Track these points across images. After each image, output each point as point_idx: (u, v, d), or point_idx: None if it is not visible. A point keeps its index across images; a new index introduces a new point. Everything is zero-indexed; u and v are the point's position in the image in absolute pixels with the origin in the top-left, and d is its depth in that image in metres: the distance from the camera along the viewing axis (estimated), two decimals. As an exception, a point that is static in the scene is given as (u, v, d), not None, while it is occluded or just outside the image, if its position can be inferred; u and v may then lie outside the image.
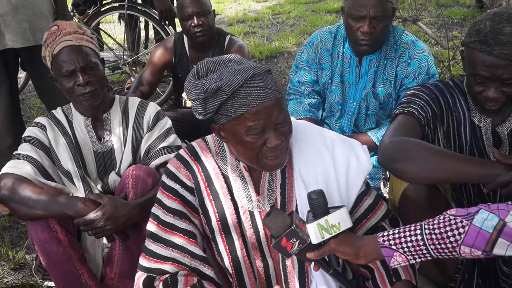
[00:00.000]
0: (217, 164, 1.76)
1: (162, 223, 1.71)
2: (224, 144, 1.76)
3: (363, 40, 2.49)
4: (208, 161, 1.76)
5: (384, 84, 2.64)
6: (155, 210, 1.74)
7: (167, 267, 1.66)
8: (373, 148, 2.58)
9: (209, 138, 1.82)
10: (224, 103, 1.55)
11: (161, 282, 1.62)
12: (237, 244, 1.73)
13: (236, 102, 1.53)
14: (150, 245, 1.71)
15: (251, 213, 1.74)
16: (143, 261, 1.70)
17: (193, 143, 1.81)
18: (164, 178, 1.76)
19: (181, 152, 1.79)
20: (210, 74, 1.59)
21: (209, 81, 1.55)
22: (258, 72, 1.55)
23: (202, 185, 1.75)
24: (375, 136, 2.66)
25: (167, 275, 1.64)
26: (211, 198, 1.74)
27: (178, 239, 1.69)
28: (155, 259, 1.68)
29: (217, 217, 1.73)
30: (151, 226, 1.73)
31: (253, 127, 1.54)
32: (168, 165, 1.78)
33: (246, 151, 1.60)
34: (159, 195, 1.75)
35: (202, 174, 1.75)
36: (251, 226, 1.74)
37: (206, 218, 1.75)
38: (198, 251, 1.69)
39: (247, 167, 1.73)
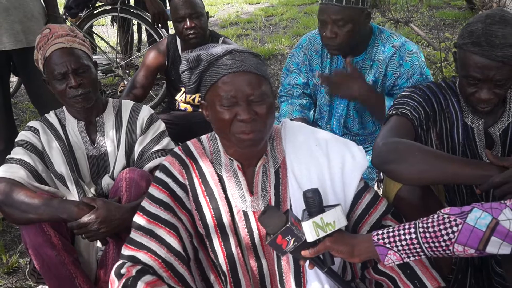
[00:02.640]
0: (212, 163, 1.77)
1: (147, 213, 1.71)
2: (219, 144, 1.78)
3: (328, 44, 2.52)
4: (203, 160, 1.77)
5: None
6: (144, 202, 1.75)
7: (141, 255, 1.65)
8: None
9: (203, 138, 1.83)
10: (204, 73, 1.64)
11: (122, 282, 1.59)
12: (232, 241, 1.73)
13: (212, 71, 1.62)
14: (132, 234, 1.71)
15: (245, 213, 1.75)
16: (124, 250, 1.70)
17: (188, 143, 1.82)
18: (157, 173, 1.78)
19: (176, 150, 1.81)
20: (200, 50, 1.70)
21: (193, 53, 1.68)
22: (239, 50, 1.64)
23: (196, 182, 1.75)
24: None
25: (134, 270, 1.60)
26: (205, 194, 1.74)
27: (158, 230, 1.68)
28: (132, 247, 1.68)
29: (212, 213, 1.73)
30: (137, 218, 1.73)
31: (224, 96, 1.58)
32: (163, 161, 1.79)
33: (220, 124, 1.63)
34: (150, 188, 1.76)
35: (196, 171, 1.76)
36: (245, 226, 1.74)
37: (200, 214, 1.74)
38: (176, 244, 1.67)
39: (241, 167, 1.74)
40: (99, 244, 2.15)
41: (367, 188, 1.77)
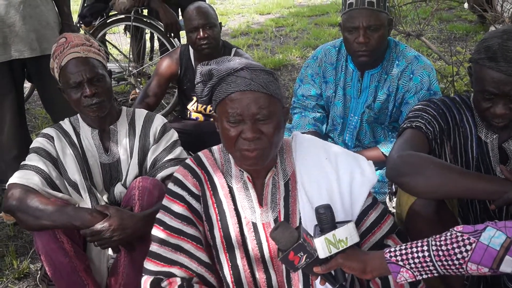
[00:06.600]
0: (222, 174, 1.78)
1: (170, 228, 1.72)
2: (229, 155, 1.79)
3: (359, 51, 2.52)
4: (214, 171, 1.79)
5: (381, 98, 2.66)
6: (162, 216, 1.75)
7: (175, 270, 1.69)
8: (383, 162, 2.58)
9: (215, 149, 1.84)
10: (214, 88, 1.66)
11: (177, 286, 1.64)
12: (238, 252, 1.74)
13: (222, 87, 1.63)
14: (157, 249, 1.72)
15: (254, 225, 1.75)
16: (149, 265, 1.71)
17: (199, 154, 1.84)
18: (170, 185, 1.78)
19: (188, 161, 1.82)
20: (215, 64, 1.70)
21: (206, 67, 1.68)
22: (251, 67, 1.63)
23: (208, 193, 1.77)
24: (386, 150, 2.67)
25: (179, 279, 1.66)
26: (215, 206, 1.76)
27: (186, 244, 1.71)
28: (162, 263, 1.70)
29: (220, 225, 1.75)
30: (158, 232, 1.74)
31: (230, 114, 1.60)
32: (175, 174, 1.80)
33: (226, 139, 1.65)
34: (166, 202, 1.77)
35: (208, 182, 1.78)
36: (254, 238, 1.75)
37: (209, 225, 1.76)
38: (204, 257, 1.72)
39: (251, 178, 1.75)
40: (110, 252, 2.16)
41: (374, 205, 1.77)
